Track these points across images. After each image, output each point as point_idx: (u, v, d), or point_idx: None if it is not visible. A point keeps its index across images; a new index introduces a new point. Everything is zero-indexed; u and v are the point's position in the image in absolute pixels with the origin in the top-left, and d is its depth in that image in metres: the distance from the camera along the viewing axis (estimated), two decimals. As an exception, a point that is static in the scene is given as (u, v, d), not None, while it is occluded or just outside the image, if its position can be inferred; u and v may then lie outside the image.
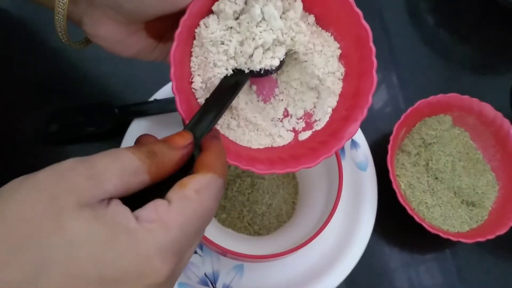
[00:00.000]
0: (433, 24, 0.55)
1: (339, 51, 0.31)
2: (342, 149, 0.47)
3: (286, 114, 0.33)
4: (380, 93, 0.53)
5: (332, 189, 0.39)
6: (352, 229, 0.43)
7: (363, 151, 0.46)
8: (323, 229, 0.37)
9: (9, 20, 0.51)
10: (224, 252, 0.35)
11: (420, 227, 0.42)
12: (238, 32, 0.29)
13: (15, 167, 0.45)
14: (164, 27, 0.28)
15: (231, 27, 0.29)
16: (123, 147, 0.21)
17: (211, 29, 0.29)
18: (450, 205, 0.46)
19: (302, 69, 0.31)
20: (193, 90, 0.30)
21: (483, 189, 0.47)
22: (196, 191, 0.21)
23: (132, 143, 0.43)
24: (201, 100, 0.30)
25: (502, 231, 0.43)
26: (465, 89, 0.49)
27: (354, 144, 0.47)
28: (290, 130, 0.32)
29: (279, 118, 0.32)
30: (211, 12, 0.29)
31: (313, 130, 0.31)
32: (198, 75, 0.29)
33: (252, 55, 0.29)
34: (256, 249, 0.38)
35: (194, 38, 0.30)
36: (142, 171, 0.20)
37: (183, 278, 0.40)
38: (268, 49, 0.29)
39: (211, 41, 0.29)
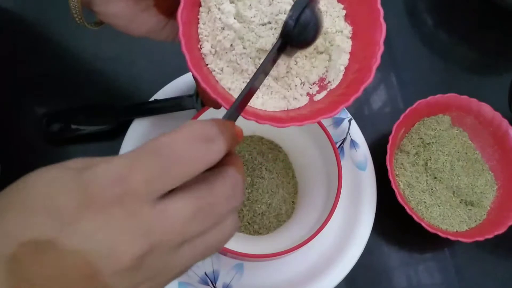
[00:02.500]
0: (432, 24, 0.55)
1: (344, 12, 0.32)
2: (342, 148, 0.47)
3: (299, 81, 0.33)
4: (379, 93, 0.53)
5: (332, 189, 0.40)
6: (351, 228, 0.44)
7: (363, 151, 0.46)
8: (323, 228, 0.37)
9: (11, 20, 0.51)
10: (224, 252, 0.35)
11: (419, 227, 0.43)
12: None
13: (15, 167, 0.45)
14: (173, 3, 0.29)
15: None
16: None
17: None
18: (449, 205, 0.46)
19: None
20: (203, 56, 0.30)
21: (481, 189, 0.47)
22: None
23: (132, 143, 0.44)
24: (211, 66, 0.30)
25: (500, 230, 0.43)
26: (464, 90, 0.49)
27: (353, 144, 0.47)
28: (305, 95, 0.32)
29: (294, 84, 0.32)
30: None
31: (328, 90, 0.31)
32: (207, 41, 0.29)
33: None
34: (256, 248, 0.38)
35: (200, 5, 0.30)
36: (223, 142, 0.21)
37: (183, 277, 0.40)
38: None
39: (216, 4, 0.29)
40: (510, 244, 0.48)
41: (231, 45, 0.29)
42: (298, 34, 0.28)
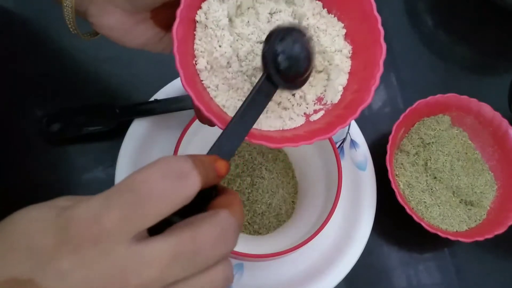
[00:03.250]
0: (432, 24, 0.55)
1: (344, 30, 0.31)
2: (342, 148, 0.47)
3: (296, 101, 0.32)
4: (379, 93, 0.53)
5: (332, 189, 0.40)
6: (351, 228, 0.44)
7: (362, 151, 0.46)
8: (323, 228, 0.37)
9: (11, 20, 0.51)
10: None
11: (418, 227, 0.43)
12: (242, 13, 0.29)
13: (15, 167, 0.45)
14: (171, 15, 0.28)
15: (238, 5, 0.30)
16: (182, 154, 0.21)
17: (213, 8, 0.29)
18: (449, 205, 0.46)
19: None
20: (198, 72, 0.29)
21: (481, 189, 0.47)
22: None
23: (132, 143, 0.44)
24: (206, 82, 0.29)
25: (500, 230, 0.44)
26: (464, 89, 0.49)
27: (353, 144, 0.47)
28: (301, 115, 0.31)
29: (290, 105, 0.32)
30: None
31: (325, 110, 0.31)
32: (202, 57, 0.29)
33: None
34: (256, 248, 0.38)
35: (196, 20, 0.29)
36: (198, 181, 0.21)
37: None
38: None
39: (214, 20, 0.28)
40: (510, 244, 0.48)
41: (228, 62, 0.29)
42: (284, 69, 0.26)
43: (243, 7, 0.30)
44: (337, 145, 0.45)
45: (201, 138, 0.42)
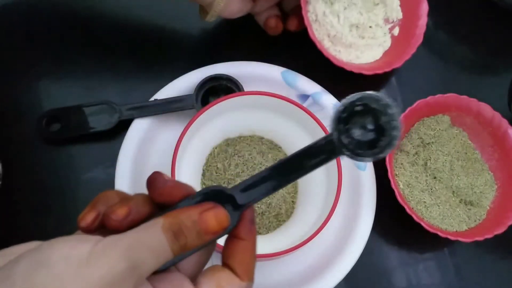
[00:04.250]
0: (431, 24, 0.55)
1: None
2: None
3: None
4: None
5: (331, 188, 0.40)
6: (351, 228, 0.44)
7: (362, 150, 0.46)
8: (322, 228, 0.37)
9: (10, 18, 0.51)
10: (224, 251, 0.35)
11: (418, 226, 0.43)
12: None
13: (15, 167, 0.45)
14: None
15: None
16: (157, 225, 0.20)
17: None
18: (449, 205, 0.46)
19: None
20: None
21: (481, 189, 0.47)
22: None
23: (132, 143, 0.44)
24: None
25: (500, 230, 0.44)
26: (463, 89, 0.49)
27: (353, 144, 0.47)
28: (387, 33, 0.54)
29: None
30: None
31: (398, 24, 0.54)
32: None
33: None
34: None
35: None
36: (171, 256, 0.20)
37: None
38: None
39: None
40: (510, 244, 0.48)
41: None
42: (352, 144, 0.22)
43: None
44: (337, 145, 0.45)
45: (201, 138, 0.42)
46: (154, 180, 0.22)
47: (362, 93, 0.22)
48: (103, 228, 0.21)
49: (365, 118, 0.22)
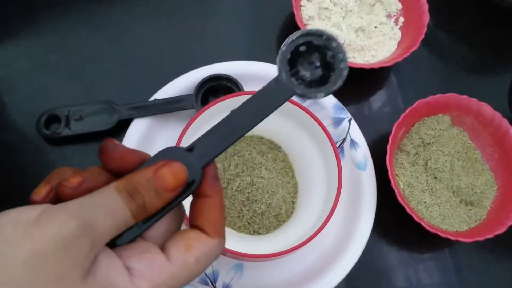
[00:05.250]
0: (432, 24, 0.55)
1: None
2: (342, 148, 0.47)
3: None
4: (379, 93, 0.53)
5: (332, 189, 0.40)
6: (351, 228, 0.43)
7: (362, 150, 0.46)
8: (323, 228, 0.37)
9: (10, 17, 0.51)
10: (224, 252, 0.35)
11: (419, 226, 0.43)
12: None
13: (15, 167, 0.45)
14: None
15: None
16: (110, 187, 0.19)
17: None
18: (449, 205, 0.46)
19: None
20: None
21: (481, 189, 0.47)
22: (197, 260, 0.20)
23: (132, 143, 0.44)
24: None
25: (500, 230, 0.43)
26: (464, 89, 0.49)
27: (353, 143, 0.47)
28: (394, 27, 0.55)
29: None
30: None
31: (402, 15, 0.55)
32: None
33: None
34: (256, 248, 0.38)
35: None
36: (130, 218, 0.19)
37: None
38: None
39: None
40: (510, 244, 0.48)
41: None
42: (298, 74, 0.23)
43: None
44: (337, 145, 0.45)
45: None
46: (105, 146, 0.21)
47: (302, 30, 0.22)
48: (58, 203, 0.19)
49: (311, 56, 0.23)
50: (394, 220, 0.47)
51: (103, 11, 0.53)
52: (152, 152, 0.22)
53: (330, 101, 0.48)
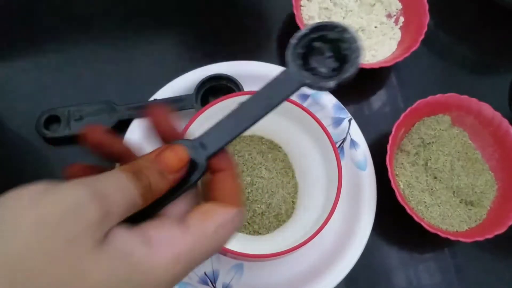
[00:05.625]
0: (432, 24, 0.55)
1: None
2: (342, 148, 0.47)
3: None
4: (379, 93, 0.53)
5: (332, 189, 0.39)
6: (351, 228, 0.43)
7: (362, 150, 0.46)
8: (323, 228, 0.37)
9: (10, 17, 0.51)
10: (224, 252, 0.35)
11: (419, 226, 0.43)
12: None
13: (15, 167, 0.45)
14: None
15: None
16: (115, 169, 0.20)
17: None
18: (449, 205, 0.46)
19: None
20: None
21: (481, 189, 0.47)
22: (216, 229, 0.20)
23: (132, 143, 0.44)
24: None
25: (500, 230, 0.43)
26: (464, 89, 0.49)
27: (353, 143, 0.47)
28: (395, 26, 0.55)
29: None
30: None
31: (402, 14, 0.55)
32: None
33: None
34: (256, 248, 0.38)
35: None
36: (138, 197, 0.19)
37: (183, 277, 0.40)
38: None
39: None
40: (510, 244, 0.48)
41: None
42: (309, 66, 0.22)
43: None
44: (337, 145, 0.45)
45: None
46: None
47: (314, 23, 0.22)
48: None
49: (325, 50, 0.22)
50: (394, 220, 0.47)
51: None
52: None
53: (330, 101, 0.48)
